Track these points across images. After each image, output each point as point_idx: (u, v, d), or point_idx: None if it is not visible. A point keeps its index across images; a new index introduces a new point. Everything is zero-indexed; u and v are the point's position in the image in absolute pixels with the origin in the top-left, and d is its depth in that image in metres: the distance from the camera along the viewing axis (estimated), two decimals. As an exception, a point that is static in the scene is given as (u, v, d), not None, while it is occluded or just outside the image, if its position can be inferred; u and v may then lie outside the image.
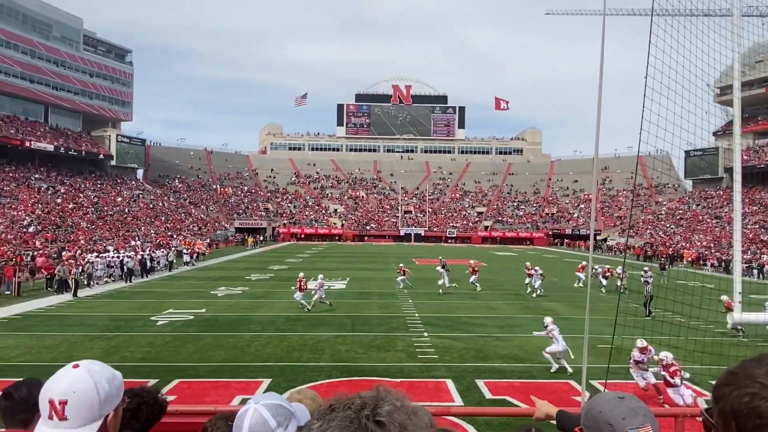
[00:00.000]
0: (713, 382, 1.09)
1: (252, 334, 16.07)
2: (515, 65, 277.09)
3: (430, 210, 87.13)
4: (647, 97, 5.51)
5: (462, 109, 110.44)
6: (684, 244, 58.11)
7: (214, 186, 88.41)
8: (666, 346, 11.16)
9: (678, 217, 69.70)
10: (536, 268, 25.98)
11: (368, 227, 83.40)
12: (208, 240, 58.09)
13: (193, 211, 74.42)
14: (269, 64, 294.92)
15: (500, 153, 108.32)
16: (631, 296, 21.13)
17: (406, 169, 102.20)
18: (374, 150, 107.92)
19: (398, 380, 11.57)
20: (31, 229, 41.22)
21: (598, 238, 72.61)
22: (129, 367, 12.46)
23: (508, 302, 23.15)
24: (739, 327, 16.64)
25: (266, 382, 11.31)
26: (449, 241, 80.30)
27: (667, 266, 36.07)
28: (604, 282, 27.67)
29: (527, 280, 26.61)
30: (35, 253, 33.13)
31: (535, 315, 20.18)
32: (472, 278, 26.87)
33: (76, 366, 1.42)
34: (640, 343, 10.92)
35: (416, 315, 19.59)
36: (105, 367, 1.51)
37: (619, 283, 26.73)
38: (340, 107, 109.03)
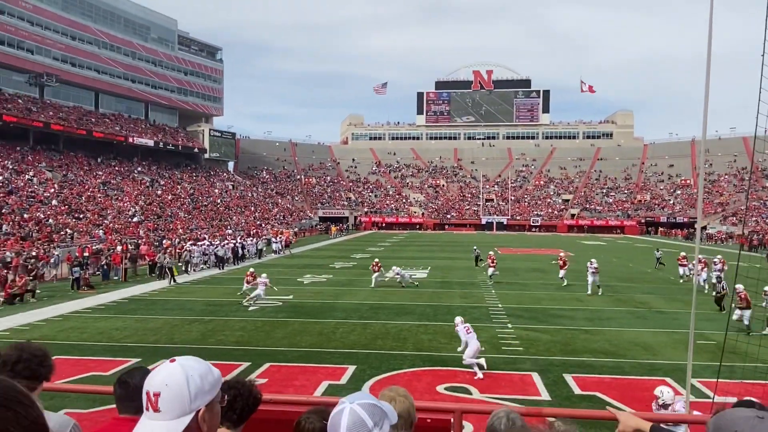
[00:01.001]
0: None
1: (337, 321, 16.48)
2: (603, 44, 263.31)
3: (512, 198, 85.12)
4: (765, 77, 5.01)
5: (546, 93, 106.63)
6: (797, 232, 53.03)
7: (299, 176, 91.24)
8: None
9: (790, 203, 63.67)
10: (592, 260, 22.97)
11: (449, 216, 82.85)
12: (295, 229, 60.21)
13: (279, 201, 77.30)
14: (350, 55, 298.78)
15: (588, 137, 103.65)
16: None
17: (487, 157, 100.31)
18: (454, 138, 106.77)
19: (482, 372, 11.44)
20: (135, 219, 44.51)
21: (696, 226, 67.78)
22: (224, 350, 13.18)
23: (598, 294, 22.18)
24: (746, 323, 15.21)
25: (351, 368, 11.56)
26: (533, 229, 78.14)
27: (777, 257, 33.09)
28: (702, 276, 24.12)
29: (561, 273, 24.78)
30: (139, 242, 35.75)
31: (627, 308, 19.25)
32: (490, 270, 25.51)
33: (172, 361, 1.47)
34: (666, 396, 6.98)
35: (499, 305, 19.26)
36: (201, 362, 1.55)
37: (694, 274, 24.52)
38: (419, 95, 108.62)
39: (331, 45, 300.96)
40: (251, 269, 22.01)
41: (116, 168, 58.52)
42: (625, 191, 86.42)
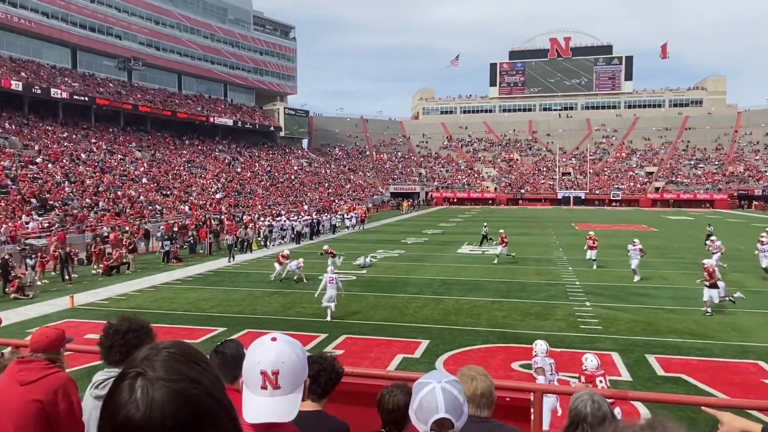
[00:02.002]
0: None
1: (410, 296, 16.66)
2: (693, 4, 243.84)
3: (591, 171, 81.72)
4: None
5: (629, 59, 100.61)
6: None
7: (370, 152, 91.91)
8: None
9: None
10: (635, 240, 19.92)
11: (523, 190, 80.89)
12: (369, 205, 61.03)
13: (352, 177, 78.36)
14: (421, 27, 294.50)
15: (675, 105, 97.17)
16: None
17: (564, 128, 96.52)
18: (529, 109, 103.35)
19: (558, 350, 11.23)
20: (217, 196, 46.68)
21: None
22: (303, 321, 13.70)
23: (684, 272, 21.06)
24: (729, 298, 14.63)
25: (425, 343, 11.70)
26: (613, 204, 74.86)
27: None
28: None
29: (588, 254, 21.91)
30: (222, 217, 37.52)
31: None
32: (499, 249, 23.63)
33: (274, 339, 1.53)
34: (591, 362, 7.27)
35: (577, 283, 18.73)
36: (292, 338, 1.62)
37: None
38: (492, 66, 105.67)
39: (402, 18, 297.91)
40: (286, 251, 20.99)
41: (199, 147, 61.38)
42: (716, 162, 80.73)
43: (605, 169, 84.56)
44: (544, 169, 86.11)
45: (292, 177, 65.56)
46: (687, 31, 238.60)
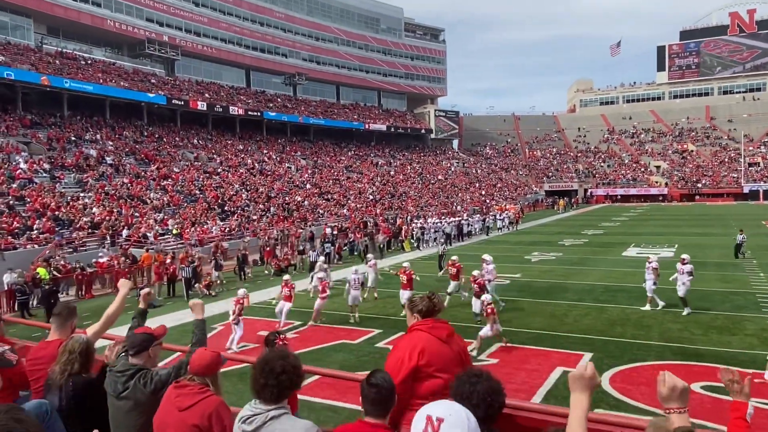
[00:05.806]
0: None
1: (569, 303, 15.74)
2: None
3: (786, 160, 70.50)
4: None
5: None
6: None
7: (522, 150, 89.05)
8: None
9: None
10: (650, 257, 15.79)
11: (699, 185, 72.40)
12: (526, 203, 59.27)
13: (503, 176, 76.62)
14: (575, 16, 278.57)
15: None
16: None
17: (750, 113, 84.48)
18: (706, 93, 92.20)
19: (750, 371, 9.78)
20: (371, 199, 48.58)
21: None
22: (456, 326, 13.56)
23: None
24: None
25: (587, 355, 10.93)
26: (817, 197, 63.82)
27: None
28: None
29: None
30: (378, 219, 38.94)
31: None
32: (452, 285, 16.37)
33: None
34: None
35: (771, 292, 16.22)
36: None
37: None
38: (660, 50, 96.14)
39: (554, 8, 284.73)
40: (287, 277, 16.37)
41: (355, 153, 64.52)
42: None
43: (806, 157, 72.43)
44: (726, 159, 76.24)
45: (443, 178, 65.94)
46: None
